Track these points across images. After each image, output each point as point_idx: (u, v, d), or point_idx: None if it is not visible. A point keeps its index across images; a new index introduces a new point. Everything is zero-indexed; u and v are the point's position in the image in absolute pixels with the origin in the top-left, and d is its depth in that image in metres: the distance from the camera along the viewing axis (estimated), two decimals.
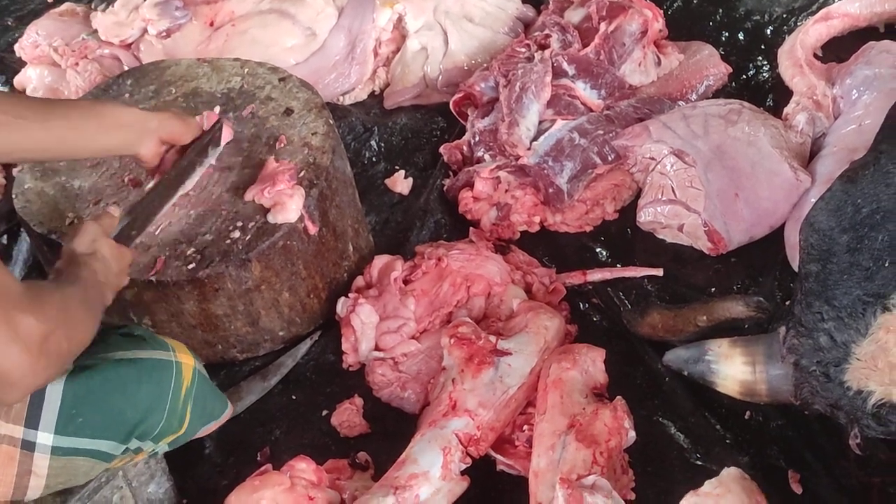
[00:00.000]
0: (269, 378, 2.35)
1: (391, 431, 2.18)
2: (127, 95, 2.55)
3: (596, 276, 2.53)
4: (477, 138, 2.85)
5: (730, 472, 1.91)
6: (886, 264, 1.85)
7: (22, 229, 2.71)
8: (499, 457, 2.10)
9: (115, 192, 2.30)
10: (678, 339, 2.23)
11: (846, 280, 1.89)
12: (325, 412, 2.28)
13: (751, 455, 2.11)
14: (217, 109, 2.41)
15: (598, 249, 2.62)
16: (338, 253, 2.42)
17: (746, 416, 2.17)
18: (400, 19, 3.25)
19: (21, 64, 3.34)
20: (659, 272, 2.52)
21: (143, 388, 1.71)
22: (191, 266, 2.16)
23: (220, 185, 2.30)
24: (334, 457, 2.15)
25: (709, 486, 1.89)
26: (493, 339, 2.19)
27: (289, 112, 2.43)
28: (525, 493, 1.99)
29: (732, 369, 2.07)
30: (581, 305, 2.48)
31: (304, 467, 1.98)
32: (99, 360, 1.67)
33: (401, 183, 2.88)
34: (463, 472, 2.02)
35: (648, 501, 2.01)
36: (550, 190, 2.68)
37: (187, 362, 1.81)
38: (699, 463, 2.11)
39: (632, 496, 2.03)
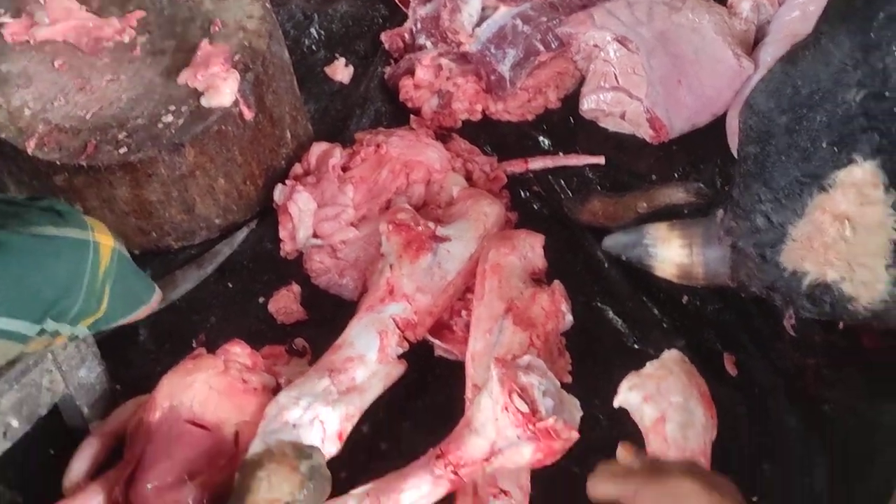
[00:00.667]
0: (205, 266, 2.31)
1: (329, 318, 2.16)
2: None
3: (537, 164, 2.51)
4: (419, 25, 2.80)
5: (671, 355, 1.92)
6: (824, 145, 1.84)
7: None
8: (437, 342, 2.09)
9: (45, 76, 2.22)
10: (618, 226, 2.23)
11: (784, 161, 1.89)
12: (261, 300, 2.26)
13: (687, 338, 2.12)
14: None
15: (540, 138, 2.60)
16: (275, 140, 2.37)
17: (684, 301, 2.18)
18: None
19: None
20: (601, 160, 2.50)
21: (60, 266, 1.66)
22: (122, 150, 2.10)
23: (153, 69, 2.24)
24: (271, 343, 2.13)
25: (650, 367, 1.89)
26: (431, 225, 2.16)
27: None
28: (462, 378, 1.99)
29: (670, 252, 2.07)
30: (522, 193, 2.46)
31: (238, 351, 1.96)
32: (14, 234, 1.62)
33: (341, 71, 2.82)
34: (400, 357, 2.01)
35: (585, 384, 2.00)
36: (493, 77, 2.63)
37: (105, 242, 1.75)
38: (636, 347, 2.12)
39: (568, 379, 2.03)
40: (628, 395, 1.88)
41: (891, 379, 2.01)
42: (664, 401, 1.86)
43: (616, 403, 1.91)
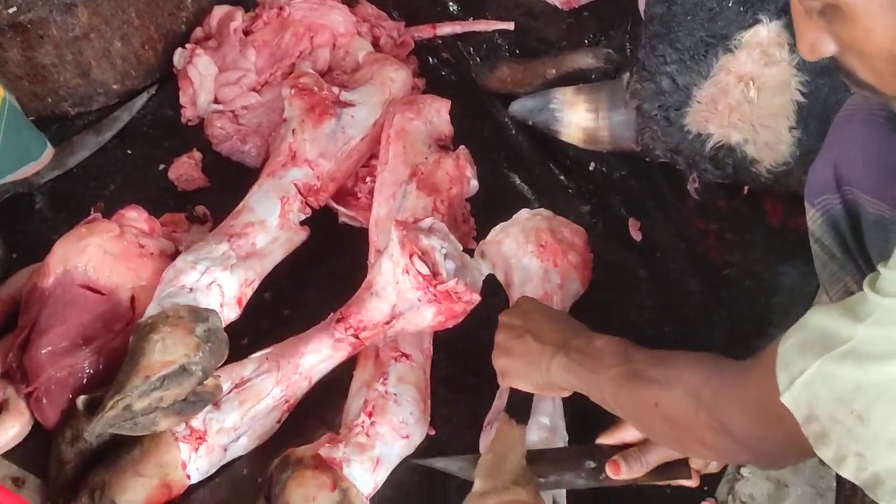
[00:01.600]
0: (104, 132, 2.25)
1: (231, 186, 2.10)
2: None
3: (446, 29, 2.45)
4: None
5: (517, 215, 1.96)
6: (730, 4, 1.83)
7: None
8: (340, 208, 2.06)
9: None
10: (526, 92, 2.19)
11: (690, 22, 1.87)
12: (161, 167, 2.20)
13: (593, 204, 2.12)
14: None
15: (449, 3, 2.53)
16: (174, 2, 2.30)
17: (591, 168, 2.16)
18: None
19: None
20: (510, 26, 2.45)
21: None
22: (11, 10, 2.03)
23: None
24: (171, 211, 2.09)
25: (492, 233, 1.96)
26: (336, 90, 2.11)
27: None
28: (366, 245, 1.97)
29: (576, 116, 2.06)
30: (430, 60, 2.41)
31: (134, 216, 1.91)
32: None
33: None
34: (303, 223, 1.97)
35: None
36: None
37: None
38: None
39: (473, 244, 2.02)
40: (482, 264, 1.89)
41: (791, 244, 2.02)
42: (505, 264, 1.90)
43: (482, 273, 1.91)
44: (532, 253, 1.89)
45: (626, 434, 1.57)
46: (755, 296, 1.96)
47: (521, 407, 1.67)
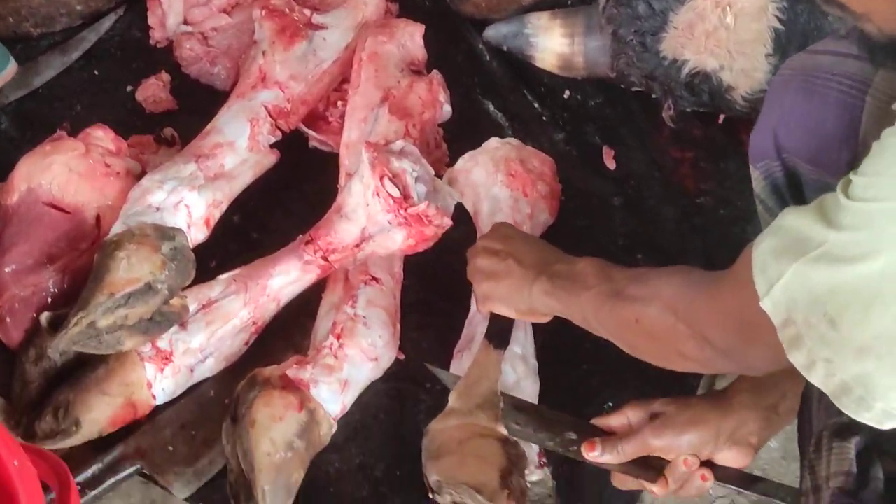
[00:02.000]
0: (70, 53, 2.20)
1: (200, 108, 2.06)
2: None
3: None
4: None
5: (486, 143, 1.94)
6: None
7: None
8: (311, 132, 2.04)
9: None
10: (501, 17, 2.16)
11: None
12: (129, 88, 2.16)
13: (567, 132, 2.09)
14: None
15: None
16: None
17: (566, 95, 2.14)
18: None
19: None
20: None
21: None
22: None
23: None
24: (139, 133, 2.05)
25: (461, 161, 1.92)
26: (307, 12, 2.07)
27: None
28: (336, 169, 1.94)
29: (551, 42, 2.03)
30: None
31: (101, 135, 1.87)
32: None
33: None
34: (273, 147, 1.94)
35: None
36: None
37: None
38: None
39: (445, 171, 1.99)
40: (451, 191, 1.87)
41: None
42: (473, 193, 1.87)
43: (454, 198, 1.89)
44: (502, 182, 1.87)
45: (614, 421, 1.54)
46: (729, 224, 1.95)
47: (500, 333, 1.66)
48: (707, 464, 1.46)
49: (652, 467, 1.49)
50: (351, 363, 1.66)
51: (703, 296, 1.19)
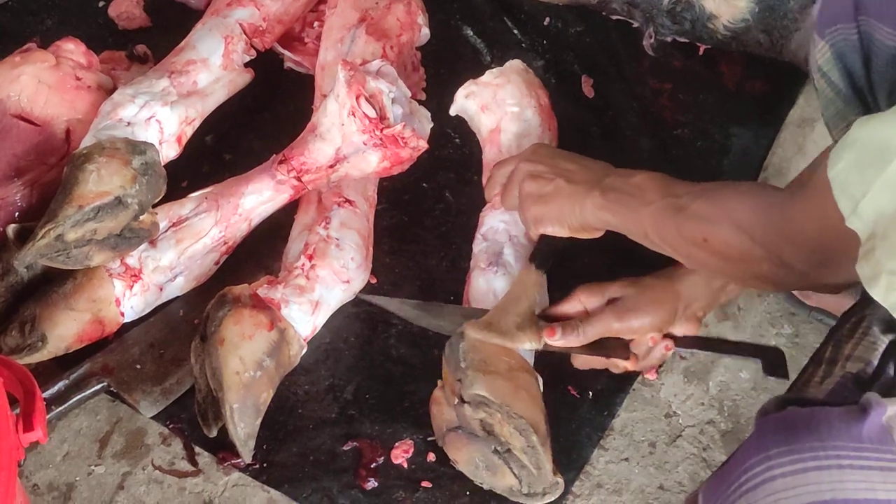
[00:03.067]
0: None
1: (173, 26, 2.03)
2: None
3: None
4: None
5: (511, 64, 1.87)
6: None
7: None
8: (286, 53, 2.00)
9: None
10: None
11: None
12: (101, 3, 2.13)
13: (546, 59, 2.07)
14: None
15: None
16: None
17: (545, 23, 2.11)
18: None
19: None
20: None
21: None
22: None
23: None
24: (111, 49, 2.01)
25: (489, 75, 1.85)
26: None
27: None
28: (312, 91, 1.91)
29: None
30: None
31: (72, 48, 1.83)
32: None
33: None
34: (247, 66, 1.91)
35: (439, 101, 1.93)
36: None
37: None
38: (493, 66, 2.03)
39: (422, 96, 1.97)
40: (465, 103, 1.84)
41: (745, 107, 2.00)
42: (500, 110, 1.81)
43: (452, 111, 1.86)
44: (535, 109, 1.83)
45: (568, 308, 1.56)
46: (707, 156, 1.94)
47: (544, 255, 1.63)
48: (666, 335, 1.55)
49: (609, 346, 1.54)
50: (322, 284, 1.65)
51: (779, 218, 1.15)
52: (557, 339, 1.52)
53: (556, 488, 1.50)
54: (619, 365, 1.57)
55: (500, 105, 1.81)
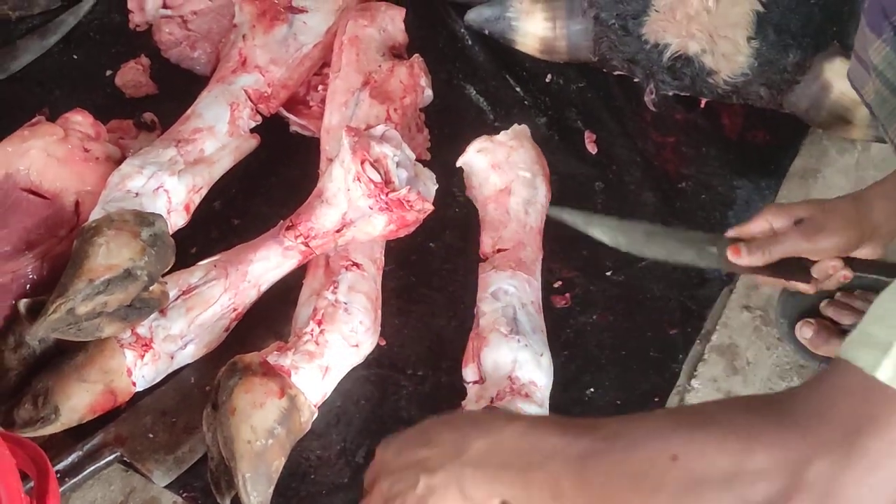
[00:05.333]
0: (48, 36, 2.18)
1: (180, 93, 2.05)
2: None
3: None
4: None
5: (521, 128, 1.89)
6: None
7: None
8: (291, 117, 2.03)
9: None
10: (482, 1, 2.15)
11: None
12: (109, 72, 2.15)
13: (549, 116, 2.09)
14: None
15: None
16: None
17: (547, 80, 2.13)
18: None
19: None
20: None
21: None
22: None
23: None
24: (119, 118, 2.04)
25: (503, 136, 1.86)
26: None
27: None
28: (317, 154, 1.93)
29: (533, 26, 2.03)
30: None
31: (80, 120, 1.85)
32: None
33: None
34: (253, 132, 1.94)
35: (443, 161, 1.96)
36: None
37: None
38: (497, 124, 2.07)
39: (427, 156, 1.99)
40: (475, 158, 1.85)
41: (747, 158, 2.01)
42: (511, 172, 1.83)
43: (460, 162, 1.88)
44: (542, 178, 1.86)
45: (754, 227, 1.59)
46: (711, 208, 1.95)
47: None
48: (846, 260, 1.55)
49: (790, 268, 1.56)
50: (332, 349, 1.65)
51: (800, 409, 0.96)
52: (743, 259, 1.55)
53: None
54: (800, 288, 1.59)
55: (513, 167, 1.83)
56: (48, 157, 1.77)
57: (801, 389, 0.96)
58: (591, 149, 2.03)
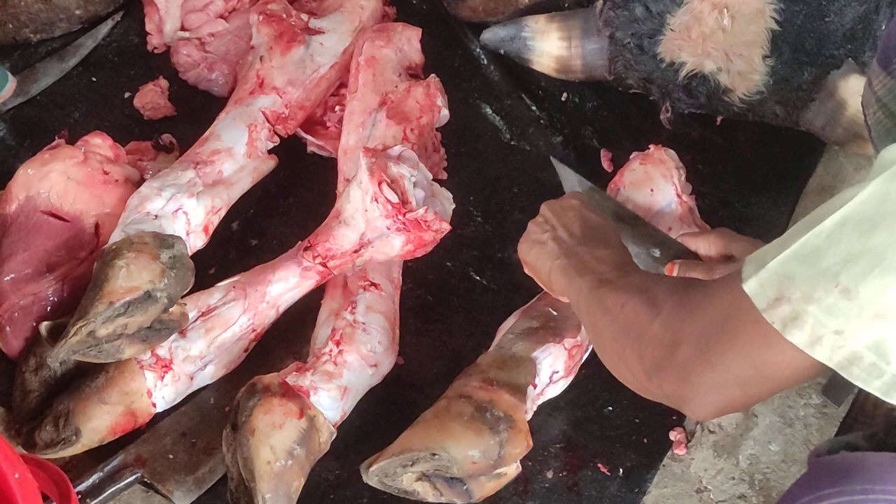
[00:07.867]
0: (68, 59, 2.20)
1: (198, 114, 2.07)
2: None
3: None
4: None
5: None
6: None
7: None
8: (309, 137, 2.04)
9: None
10: (498, 21, 2.16)
11: None
12: (127, 94, 2.16)
13: (565, 135, 2.09)
14: None
15: None
16: None
17: (563, 98, 2.14)
18: None
19: None
20: None
21: None
22: None
23: None
24: (137, 139, 2.05)
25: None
26: (304, 17, 2.08)
27: None
28: (335, 174, 1.94)
29: (548, 45, 2.03)
30: None
31: (99, 143, 1.87)
32: None
33: None
34: (271, 153, 1.95)
35: (460, 180, 1.98)
36: None
37: None
38: (513, 143, 2.09)
39: (444, 175, 2.00)
40: (448, 197, 1.82)
41: (763, 174, 2.02)
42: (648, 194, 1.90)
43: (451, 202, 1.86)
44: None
45: (698, 243, 1.63)
46: (727, 225, 1.91)
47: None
48: None
49: None
50: (350, 369, 1.66)
51: (693, 297, 1.17)
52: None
53: None
54: None
55: (656, 186, 1.89)
56: (68, 179, 1.79)
57: (710, 281, 1.17)
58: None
